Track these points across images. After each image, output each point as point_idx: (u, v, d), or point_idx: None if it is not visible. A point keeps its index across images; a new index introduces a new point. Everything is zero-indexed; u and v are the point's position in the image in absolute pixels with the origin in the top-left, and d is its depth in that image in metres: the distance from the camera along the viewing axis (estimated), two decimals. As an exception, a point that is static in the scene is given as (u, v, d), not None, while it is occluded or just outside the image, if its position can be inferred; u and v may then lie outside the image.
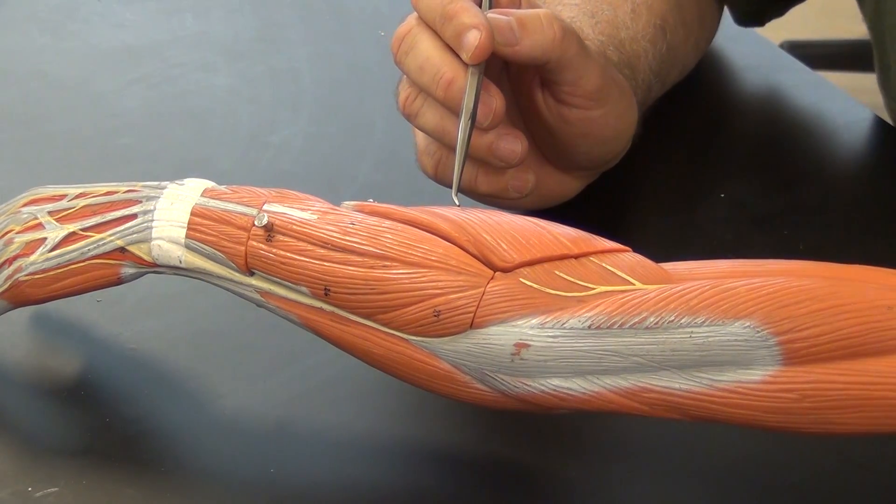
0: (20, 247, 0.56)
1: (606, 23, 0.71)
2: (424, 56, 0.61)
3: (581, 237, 0.52)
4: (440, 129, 0.63)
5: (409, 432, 0.57)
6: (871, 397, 0.48)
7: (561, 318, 0.50)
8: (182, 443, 0.57)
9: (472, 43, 0.59)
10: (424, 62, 0.61)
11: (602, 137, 0.67)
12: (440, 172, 0.66)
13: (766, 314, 0.48)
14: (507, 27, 0.61)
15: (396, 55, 0.63)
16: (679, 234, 0.72)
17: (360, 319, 0.52)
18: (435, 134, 0.64)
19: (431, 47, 0.61)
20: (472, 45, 0.59)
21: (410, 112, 0.64)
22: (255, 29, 0.89)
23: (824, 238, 0.71)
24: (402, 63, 0.63)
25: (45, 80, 0.82)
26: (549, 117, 0.65)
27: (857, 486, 0.56)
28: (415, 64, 0.62)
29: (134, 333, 0.61)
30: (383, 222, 0.52)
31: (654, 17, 0.74)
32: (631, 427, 0.57)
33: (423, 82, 0.62)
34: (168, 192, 0.55)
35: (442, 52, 0.61)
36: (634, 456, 0.57)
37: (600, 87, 0.65)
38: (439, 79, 0.61)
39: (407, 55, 0.62)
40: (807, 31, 1.10)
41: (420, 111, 0.63)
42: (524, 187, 0.65)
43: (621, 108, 0.67)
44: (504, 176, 0.64)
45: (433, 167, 0.66)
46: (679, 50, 0.78)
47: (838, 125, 0.82)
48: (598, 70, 0.65)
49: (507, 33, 0.61)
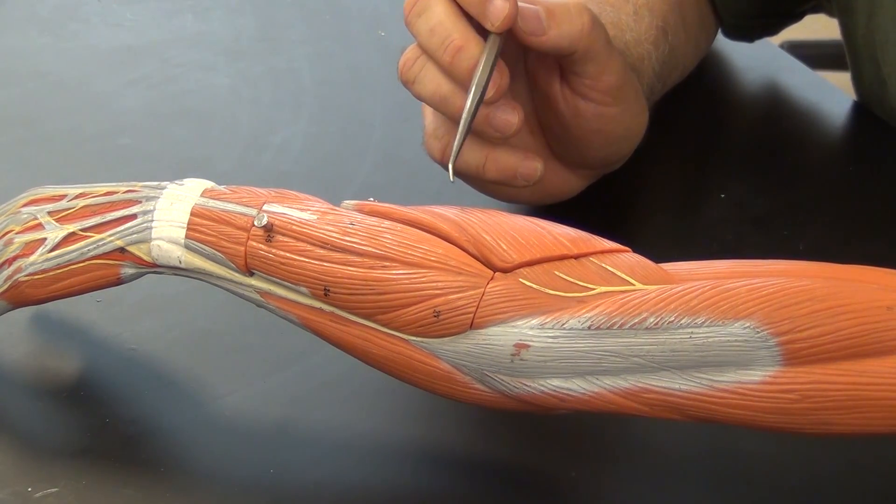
0: (20, 247, 0.56)
1: (611, 25, 0.70)
2: (437, 20, 0.60)
3: (581, 237, 0.52)
4: (437, 97, 0.62)
5: (409, 433, 0.57)
6: (871, 398, 0.48)
7: (561, 319, 0.50)
8: (182, 443, 0.57)
9: (499, 10, 0.59)
10: (437, 25, 0.60)
11: (614, 136, 0.67)
12: (448, 156, 0.64)
13: (765, 315, 0.48)
14: (534, 16, 0.60)
15: (408, 16, 0.61)
16: (679, 234, 0.72)
17: (359, 320, 0.52)
18: (432, 101, 0.62)
19: (446, 12, 0.60)
20: (499, 12, 0.59)
21: (408, 77, 0.63)
22: (255, 29, 0.89)
23: (824, 238, 0.71)
24: (412, 24, 0.61)
25: (45, 80, 0.82)
26: (564, 109, 0.65)
27: (857, 486, 0.56)
28: (426, 26, 0.61)
29: (134, 334, 0.61)
30: (383, 222, 0.52)
31: (656, 19, 0.74)
32: (631, 427, 0.57)
33: (430, 46, 0.61)
34: (168, 192, 0.55)
35: (456, 18, 0.60)
36: (634, 456, 0.57)
37: (620, 85, 0.65)
38: (448, 44, 0.60)
39: (419, 16, 0.61)
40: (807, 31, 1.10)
41: (419, 76, 0.62)
42: (532, 175, 0.64)
43: (636, 108, 0.67)
44: (513, 162, 0.64)
45: (440, 151, 0.65)
46: (680, 51, 0.78)
47: (838, 125, 0.82)
48: (620, 66, 0.65)
49: (534, 22, 0.60)
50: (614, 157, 0.69)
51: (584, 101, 0.64)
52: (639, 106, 0.68)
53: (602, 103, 0.65)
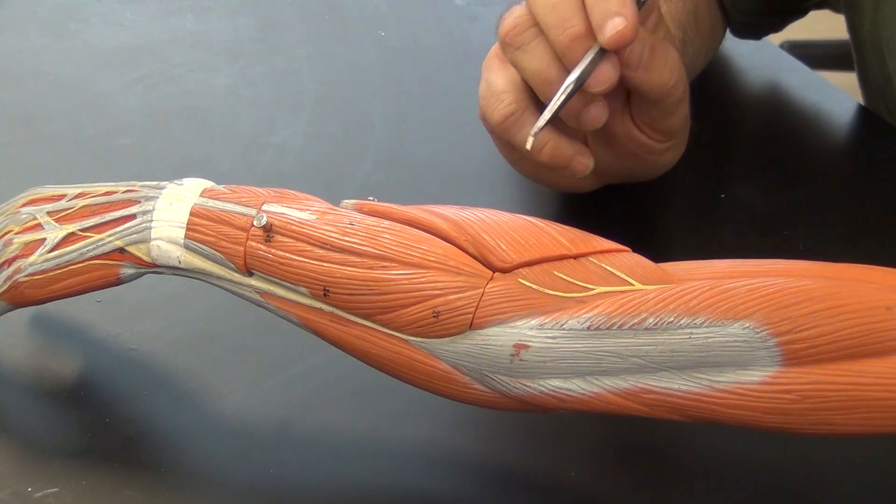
0: (19, 248, 0.56)
1: None
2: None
3: (580, 237, 0.52)
4: (539, 75, 0.60)
5: (409, 433, 0.57)
6: (871, 398, 0.48)
7: (560, 319, 0.50)
8: (182, 443, 0.57)
9: (614, 27, 0.57)
10: (560, 3, 0.59)
11: (653, 167, 0.68)
12: (506, 126, 0.63)
13: (765, 315, 0.48)
14: (639, 50, 0.60)
15: None
16: (679, 233, 0.72)
17: (359, 320, 0.52)
18: (533, 77, 0.61)
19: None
20: (613, 29, 0.57)
21: (514, 42, 0.61)
22: (255, 29, 0.89)
23: (824, 238, 0.71)
24: None
25: (45, 80, 0.82)
26: (618, 130, 0.65)
27: (857, 486, 0.56)
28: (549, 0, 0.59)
29: (134, 334, 0.61)
30: (382, 222, 0.52)
31: (678, 30, 0.74)
32: (630, 427, 0.57)
33: (548, 21, 0.59)
34: (167, 192, 0.55)
35: (579, 5, 0.59)
36: (634, 456, 0.57)
37: (677, 131, 0.65)
38: (569, 27, 0.58)
39: None
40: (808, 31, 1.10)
41: (527, 46, 0.60)
42: (583, 171, 0.63)
43: (680, 145, 0.68)
44: (570, 152, 0.62)
45: (501, 117, 0.63)
46: (696, 62, 0.78)
47: (839, 125, 0.82)
48: (683, 114, 0.65)
49: (636, 56, 0.60)
50: (643, 179, 0.70)
51: (637, 131, 0.65)
52: (684, 141, 0.68)
53: (654, 139, 0.65)
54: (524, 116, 0.62)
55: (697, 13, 0.78)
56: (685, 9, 0.76)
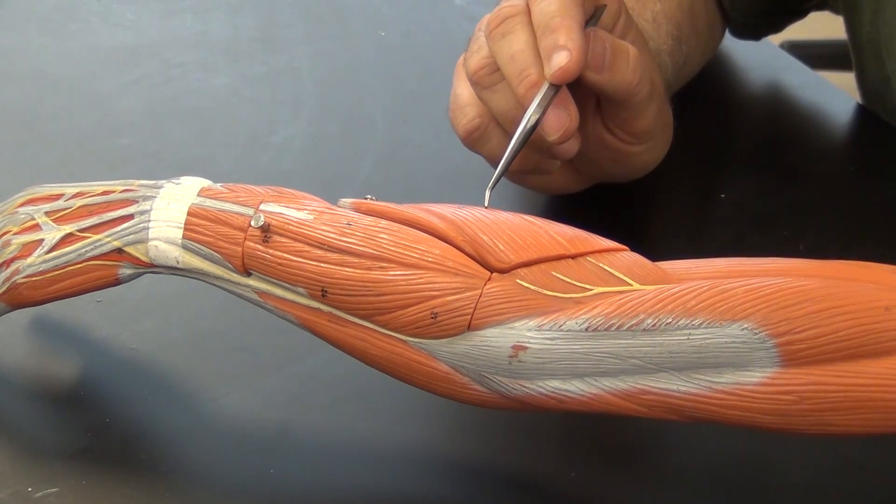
0: (18, 248, 0.56)
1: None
2: (518, 48, 0.60)
3: (578, 236, 0.52)
4: (507, 116, 0.61)
5: (408, 433, 0.57)
6: (870, 399, 0.48)
7: (558, 320, 0.50)
8: (181, 443, 0.57)
9: (557, 63, 0.58)
10: (517, 53, 0.60)
11: (632, 168, 0.68)
12: (471, 141, 0.64)
13: (763, 316, 0.48)
14: (600, 51, 0.60)
15: (491, 33, 0.61)
16: (679, 233, 0.72)
17: (357, 320, 0.52)
18: (500, 116, 0.62)
19: (528, 42, 0.60)
20: (556, 65, 0.58)
21: (482, 83, 0.62)
22: (255, 29, 0.89)
23: (824, 238, 0.70)
24: (494, 43, 0.61)
25: (45, 80, 0.82)
26: (590, 133, 0.65)
27: (857, 486, 0.56)
28: (507, 50, 0.60)
29: (133, 334, 0.61)
30: (379, 222, 0.52)
31: (672, 27, 0.74)
32: (630, 428, 0.57)
33: (507, 71, 0.60)
34: (164, 191, 0.55)
35: (536, 52, 0.60)
36: (634, 456, 0.57)
37: (648, 130, 0.65)
38: (525, 77, 0.59)
39: (502, 37, 0.60)
40: (807, 31, 1.10)
41: (495, 87, 0.61)
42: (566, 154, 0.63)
43: (659, 146, 0.68)
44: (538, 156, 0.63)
45: (465, 132, 0.64)
46: (691, 59, 0.78)
47: (838, 125, 0.82)
48: (653, 113, 0.65)
49: (597, 58, 0.60)
50: (625, 179, 0.70)
51: (609, 135, 0.65)
52: (663, 141, 0.68)
53: (627, 143, 0.65)
54: (489, 130, 0.63)
55: (694, 11, 0.78)
56: (681, 6, 0.76)
